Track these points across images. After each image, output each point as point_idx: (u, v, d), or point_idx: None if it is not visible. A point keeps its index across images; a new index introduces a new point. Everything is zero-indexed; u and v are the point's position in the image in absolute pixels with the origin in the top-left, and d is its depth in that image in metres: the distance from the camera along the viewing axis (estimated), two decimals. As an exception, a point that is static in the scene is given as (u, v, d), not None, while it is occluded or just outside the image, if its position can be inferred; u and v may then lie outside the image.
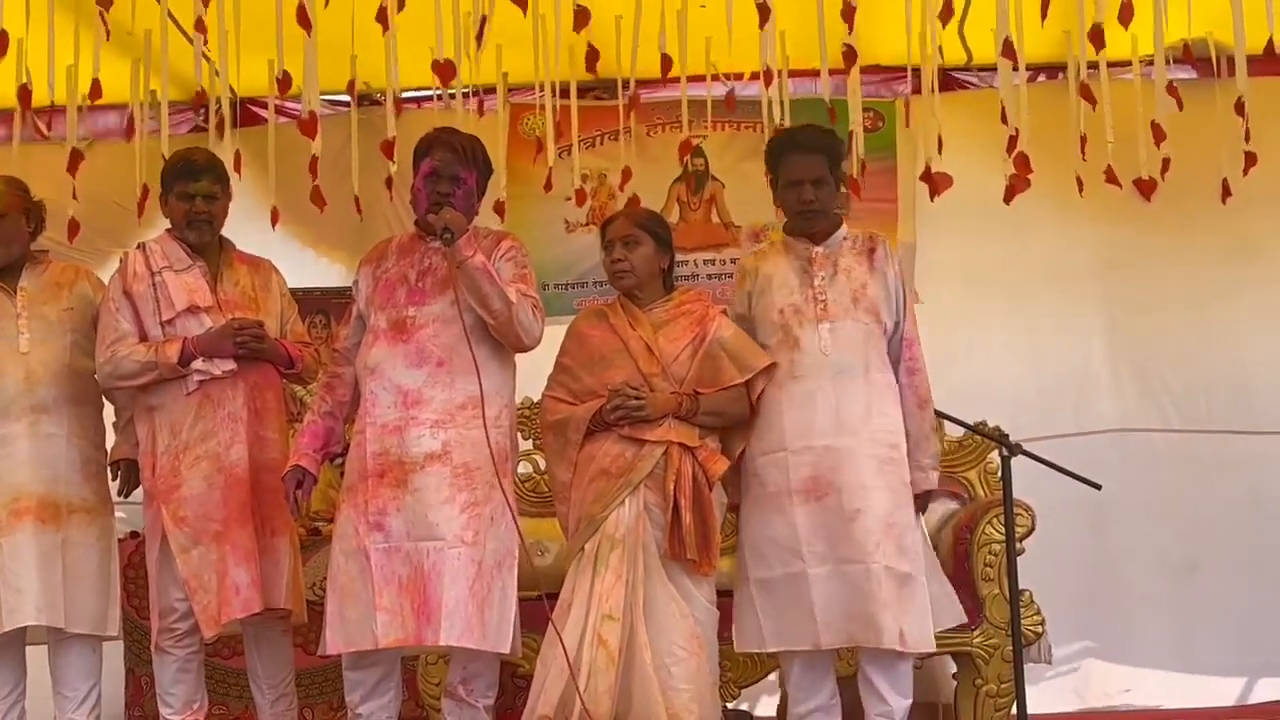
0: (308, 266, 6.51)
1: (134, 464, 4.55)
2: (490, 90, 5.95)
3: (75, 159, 5.39)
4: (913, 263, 6.21)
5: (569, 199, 6.10)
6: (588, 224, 6.34)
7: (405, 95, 5.99)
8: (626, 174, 5.87)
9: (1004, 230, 6.19)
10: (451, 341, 4.08)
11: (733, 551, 4.31)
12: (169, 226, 4.51)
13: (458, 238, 4.02)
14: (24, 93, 5.16)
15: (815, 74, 5.63)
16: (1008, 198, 5.20)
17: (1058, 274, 5.48)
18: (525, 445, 5.20)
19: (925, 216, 6.28)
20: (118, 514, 4.73)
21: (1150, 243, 6.24)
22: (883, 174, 6.32)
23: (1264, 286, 6.32)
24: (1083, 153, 5.30)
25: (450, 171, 4.15)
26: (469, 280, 4.04)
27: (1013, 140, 5.14)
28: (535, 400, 4.51)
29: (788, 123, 5.22)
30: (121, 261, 4.46)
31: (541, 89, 5.53)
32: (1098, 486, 4.69)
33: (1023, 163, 5.15)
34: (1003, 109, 5.10)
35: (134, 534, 5.66)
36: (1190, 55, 5.73)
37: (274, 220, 5.66)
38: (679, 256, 4.52)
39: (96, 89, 5.23)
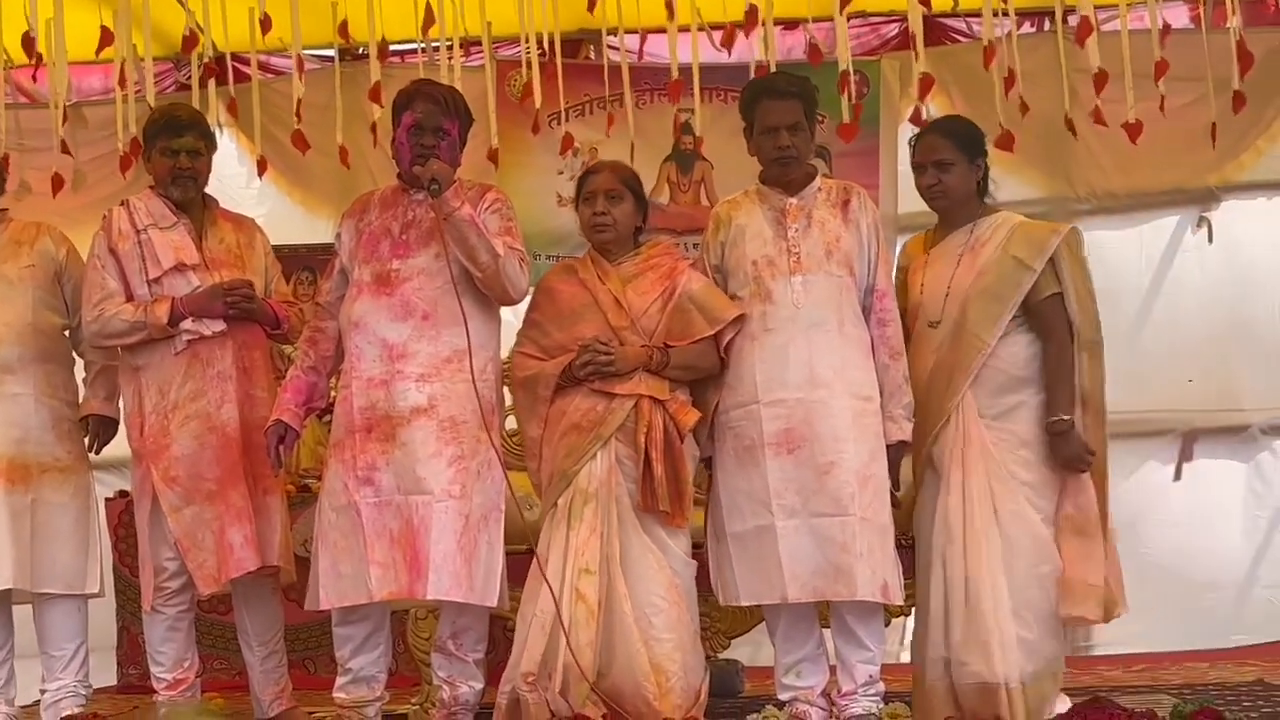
0: (295, 223, 6.50)
1: (104, 420, 4.55)
2: (475, 42, 5.91)
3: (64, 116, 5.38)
4: (894, 239, 6.16)
5: (561, 172, 6.05)
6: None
7: (389, 48, 5.95)
8: (611, 118, 5.80)
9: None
10: (436, 295, 4.08)
11: (704, 504, 4.32)
12: (151, 184, 4.49)
13: (445, 189, 4.00)
14: (28, 42, 5.09)
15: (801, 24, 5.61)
16: (1001, 144, 5.18)
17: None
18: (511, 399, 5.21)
19: (908, 195, 6.24)
20: (106, 474, 4.72)
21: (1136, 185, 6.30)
22: (864, 154, 6.21)
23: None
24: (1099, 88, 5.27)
25: (434, 123, 4.13)
26: (456, 232, 4.02)
27: (1008, 82, 5.12)
28: (517, 356, 4.51)
29: None
30: (105, 219, 4.43)
31: (528, 40, 5.49)
32: None
33: (1022, 106, 5.14)
34: (986, 50, 5.08)
35: (123, 493, 5.68)
36: None
37: (260, 169, 5.63)
38: (670, 239, 4.51)
39: (107, 36, 5.19)
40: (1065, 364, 4.14)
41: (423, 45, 5.85)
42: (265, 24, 5.14)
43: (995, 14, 5.37)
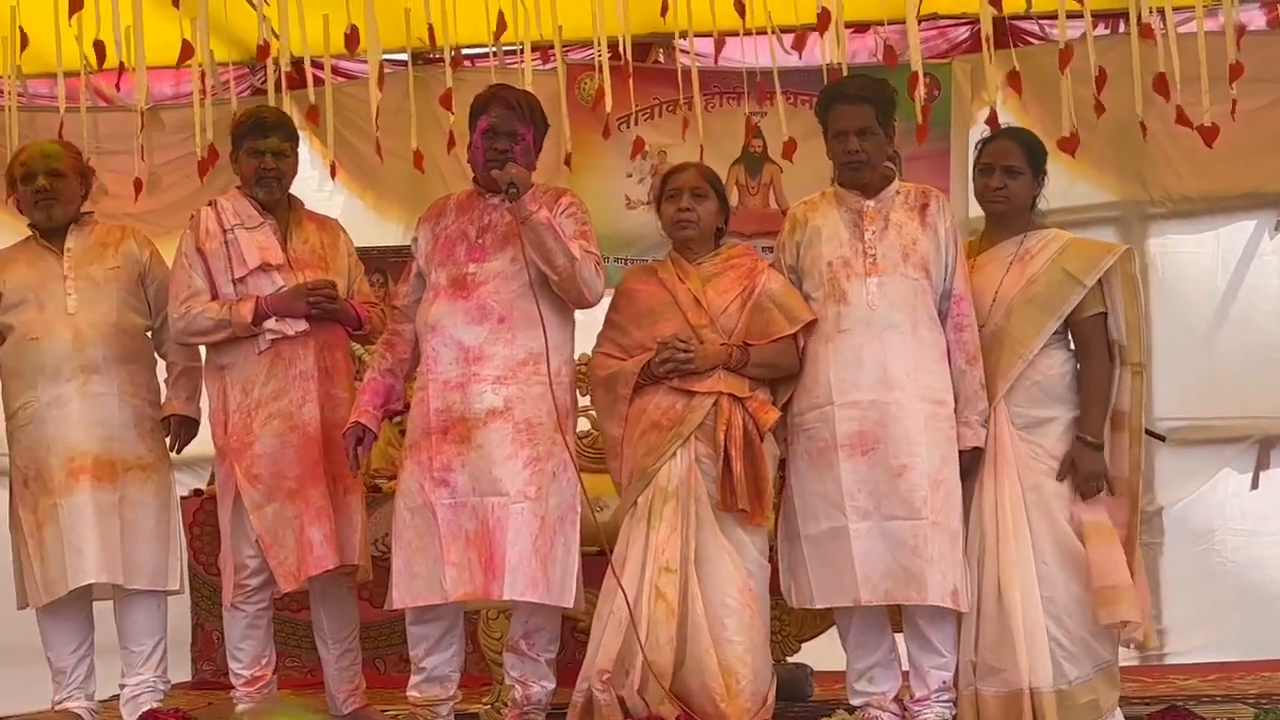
0: (367, 226, 6.55)
1: (185, 419, 4.61)
2: (546, 46, 5.93)
3: (143, 120, 5.45)
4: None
5: (630, 175, 6.05)
6: (649, 202, 6.31)
7: (461, 53, 6.01)
8: (685, 122, 5.81)
9: (1060, 194, 6.15)
10: (511, 298, 4.10)
11: (775, 507, 4.30)
12: (237, 184, 4.54)
13: (522, 193, 4.02)
14: (98, 48, 5.16)
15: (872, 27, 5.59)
16: (1064, 147, 5.14)
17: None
18: (584, 401, 5.22)
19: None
20: (180, 473, 4.77)
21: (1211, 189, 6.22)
22: (935, 157, 6.17)
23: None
24: (1160, 93, 5.22)
25: (508, 128, 4.15)
26: (534, 236, 4.04)
27: (1098, 80, 5.08)
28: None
29: None
30: (193, 218, 4.48)
31: (599, 44, 5.51)
32: (1162, 438, 4.64)
33: (1098, 107, 5.12)
34: (1062, 53, 5.04)
35: (198, 492, 5.75)
36: None
37: (333, 172, 5.67)
38: (739, 243, 4.52)
39: (187, 50, 5.24)
40: (1104, 385, 4.13)
41: (494, 50, 5.88)
42: (352, 41, 5.16)
43: (1069, 15, 5.34)
